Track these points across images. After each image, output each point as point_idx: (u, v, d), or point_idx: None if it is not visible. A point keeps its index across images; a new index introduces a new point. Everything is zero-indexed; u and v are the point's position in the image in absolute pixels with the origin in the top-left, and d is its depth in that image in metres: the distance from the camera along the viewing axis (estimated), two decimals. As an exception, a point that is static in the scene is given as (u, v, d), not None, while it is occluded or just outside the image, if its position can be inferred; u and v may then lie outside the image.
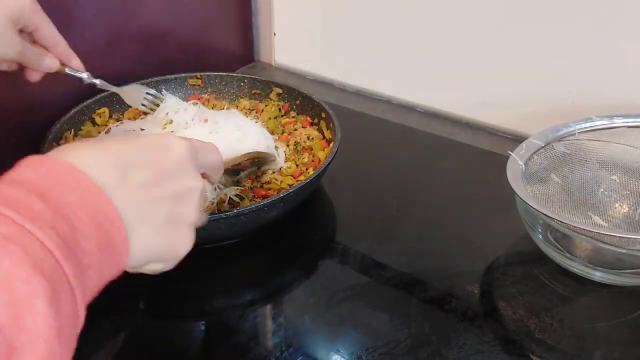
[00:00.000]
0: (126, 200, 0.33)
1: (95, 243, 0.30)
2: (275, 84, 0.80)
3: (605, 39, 0.70)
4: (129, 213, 0.33)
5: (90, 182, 0.31)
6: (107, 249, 0.31)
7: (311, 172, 0.66)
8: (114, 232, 0.32)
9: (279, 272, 0.59)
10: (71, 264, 0.28)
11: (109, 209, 0.31)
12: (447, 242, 0.63)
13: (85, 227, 0.30)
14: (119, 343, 0.51)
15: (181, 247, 0.38)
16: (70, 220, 0.29)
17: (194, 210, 0.39)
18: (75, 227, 0.29)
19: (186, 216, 0.38)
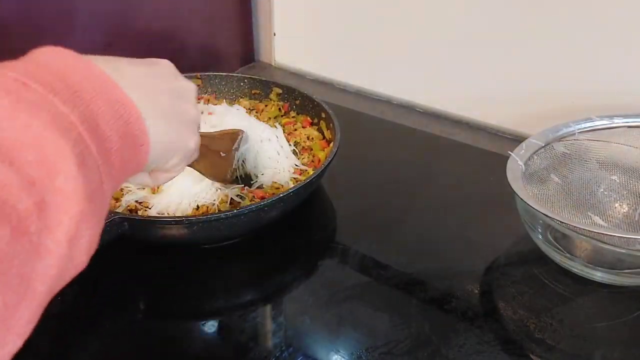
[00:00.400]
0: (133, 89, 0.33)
1: (115, 129, 0.31)
2: (275, 84, 0.80)
3: (605, 39, 0.70)
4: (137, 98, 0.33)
5: (104, 74, 0.32)
6: (127, 137, 0.32)
7: (311, 172, 0.65)
8: (132, 120, 0.32)
9: (279, 272, 0.59)
10: (94, 141, 0.29)
11: (125, 98, 0.32)
12: (447, 242, 0.63)
13: (104, 111, 0.30)
14: (120, 343, 0.51)
15: (190, 140, 0.41)
16: (89, 104, 0.30)
17: (193, 107, 0.41)
18: (94, 111, 0.30)
19: (188, 111, 0.40)
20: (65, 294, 0.54)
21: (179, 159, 0.40)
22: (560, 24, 0.72)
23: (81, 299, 0.56)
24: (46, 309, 0.28)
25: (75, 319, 0.54)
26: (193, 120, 0.41)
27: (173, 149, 0.39)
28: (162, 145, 0.37)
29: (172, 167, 0.41)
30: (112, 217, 0.50)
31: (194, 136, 0.42)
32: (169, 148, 0.38)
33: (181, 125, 0.39)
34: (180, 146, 0.40)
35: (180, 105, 0.40)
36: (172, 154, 0.39)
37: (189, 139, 0.41)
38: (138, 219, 0.55)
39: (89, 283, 0.58)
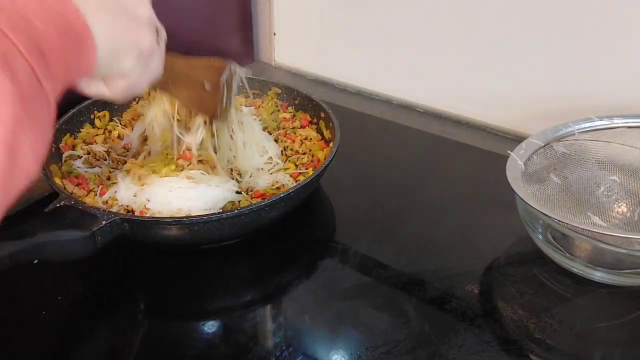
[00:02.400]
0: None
1: (51, 25, 0.29)
2: (274, 84, 0.80)
3: (605, 39, 0.70)
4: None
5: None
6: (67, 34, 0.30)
7: (310, 172, 0.66)
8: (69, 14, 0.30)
9: (279, 272, 0.59)
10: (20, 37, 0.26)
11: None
12: (447, 242, 0.63)
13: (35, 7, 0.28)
14: (120, 343, 0.51)
15: (143, 39, 0.38)
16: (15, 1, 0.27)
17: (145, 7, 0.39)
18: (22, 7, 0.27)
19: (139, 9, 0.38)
20: (67, 293, 0.55)
21: (133, 60, 0.37)
22: (560, 24, 0.72)
23: (82, 298, 0.57)
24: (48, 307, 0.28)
25: (76, 318, 0.54)
26: (145, 19, 0.38)
27: (124, 47, 0.36)
28: (110, 42, 0.34)
29: (128, 71, 0.37)
30: (113, 218, 0.50)
31: (147, 34, 0.38)
32: (118, 45, 0.35)
33: (130, 22, 0.37)
34: (131, 44, 0.37)
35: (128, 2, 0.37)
36: (123, 52, 0.36)
37: (141, 37, 0.38)
38: (138, 220, 0.55)
39: (89, 283, 0.58)
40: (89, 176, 0.63)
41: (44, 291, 0.55)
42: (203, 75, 0.55)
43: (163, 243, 0.58)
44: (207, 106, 0.56)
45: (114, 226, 0.51)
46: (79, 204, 0.52)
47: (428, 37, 0.85)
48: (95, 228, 0.49)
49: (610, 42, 0.70)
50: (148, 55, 0.39)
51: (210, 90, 0.55)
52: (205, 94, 0.55)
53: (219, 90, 0.56)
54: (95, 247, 0.49)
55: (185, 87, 0.53)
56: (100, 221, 0.50)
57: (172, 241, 0.58)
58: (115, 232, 0.51)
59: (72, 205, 0.51)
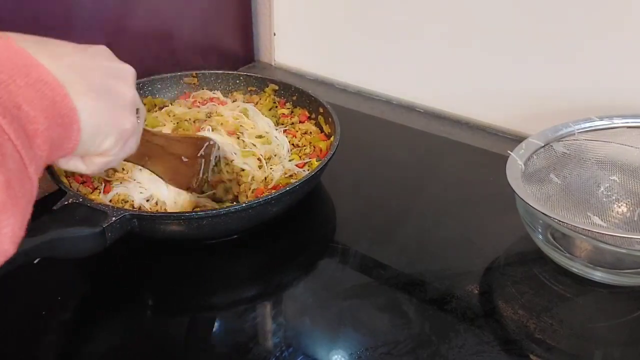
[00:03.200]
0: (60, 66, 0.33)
1: (40, 109, 0.30)
2: (271, 80, 0.80)
3: (605, 39, 0.70)
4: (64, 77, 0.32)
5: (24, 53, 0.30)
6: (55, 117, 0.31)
7: (314, 162, 0.66)
8: (57, 98, 0.32)
9: (279, 271, 0.59)
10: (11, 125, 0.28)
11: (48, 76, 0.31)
12: (447, 242, 0.63)
13: (26, 92, 0.29)
14: (121, 341, 0.51)
15: (125, 120, 0.39)
16: (8, 84, 0.29)
17: (128, 88, 0.40)
18: (14, 92, 0.29)
19: (123, 90, 0.39)
20: (67, 292, 0.55)
21: (113, 141, 0.39)
22: (560, 24, 0.72)
23: (83, 297, 0.57)
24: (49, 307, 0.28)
25: (76, 318, 0.54)
26: (128, 101, 0.40)
27: (106, 129, 0.37)
28: (93, 125, 0.35)
29: (107, 149, 0.39)
30: (122, 214, 0.51)
31: (129, 117, 0.40)
32: (101, 128, 0.37)
33: (115, 105, 0.38)
34: (113, 126, 0.38)
35: (113, 84, 0.38)
36: (104, 134, 0.37)
37: (124, 119, 0.39)
38: (147, 215, 0.55)
39: (90, 282, 0.58)
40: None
41: (44, 291, 0.55)
42: (180, 149, 0.57)
43: (170, 239, 0.59)
44: (183, 179, 0.57)
45: (123, 222, 0.51)
46: (88, 201, 0.52)
47: (428, 37, 0.85)
48: (105, 224, 0.49)
49: (610, 42, 0.70)
50: (128, 136, 0.41)
51: (188, 163, 0.57)
52: (182, 166, 0.57)
53: (197, 163, 0.58)
54: (105, 243, 0.50)
55: (161, 161, 0.54)
56: (109, 217, 0.50)
57: (179, 236, 0.58)
58: (124, 228, 0.51)
59: (81, 202, 0.52)
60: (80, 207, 0.51)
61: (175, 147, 0.57)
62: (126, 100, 0.39)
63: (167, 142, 0.56)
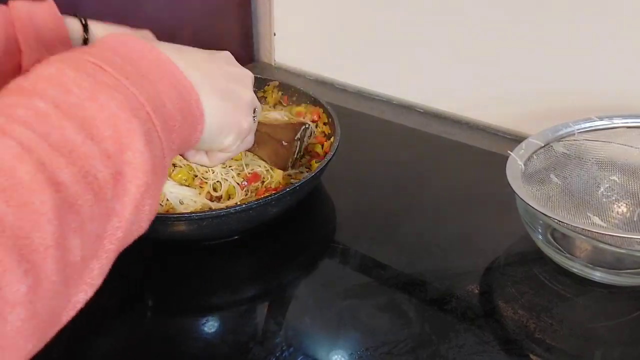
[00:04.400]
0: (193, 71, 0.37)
1: (178, 108, 0.34)
2: (271, 80, 0.80)
3: (605, 39, 0.70)
4: (196, 81, 0.37)
5: (168, 59, 0.35)
6: (188, 117, 0.36)
7: (314, 163, 0.66)
8: (192, 101, 0.36)
9: (280, 272, 0.59)
10: (159, 119, 0.32)
11: (186, 81, 0.36)
12: (447, 242, 0.63)
13: (169, 92, 0.34)
14: (120, 342, 0.51)
15: (244, 121, 0.43)
16: (156, 85, 0.33)
17: (248, 91, 0.44)
18: (160, 91, 0.33)
19: (242, 94, 0.43)
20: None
21: (233, 139, 0.43)
22: (560, 24, 0.72)
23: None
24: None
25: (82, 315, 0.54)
26: (247, 103, 0.44)
27: (227, 128, 0.42)
28: (216, 124, 0.40)
29: (227, 146, 0.43)
30: None
31: (247, 117, 0.44)
32: (223, 127, 0.41)
33: (235, 106, 0.42)
34: (233, 126, 0.42)
35: (235, 88, 0.42)
36: (226, 132, 0.42)
37: (242, 119, 0.43)
38: None
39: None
40: None
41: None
42: (282, 134, 0.62)
43: (171, 239, 0.59)
44: (282, 160, 0.62)
45: None
46: None
47: (428, 37, 0.85)
48: None
49: (610, 42, 0.70)
50: (246, 134, 0.45)
51: (287, 146, 0.62)
52: (281, 149, 0.62)
53: (293, 146, 0.63)
54: None
55: (266, 146, 0.59)
56: None
57: (180, 237, 0.58)
58: None
59: None
60: None
61: (278, 133, 0.61)
62: (245, 102, 0.43)
63: (272, 129, 0.61)
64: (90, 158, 0.27)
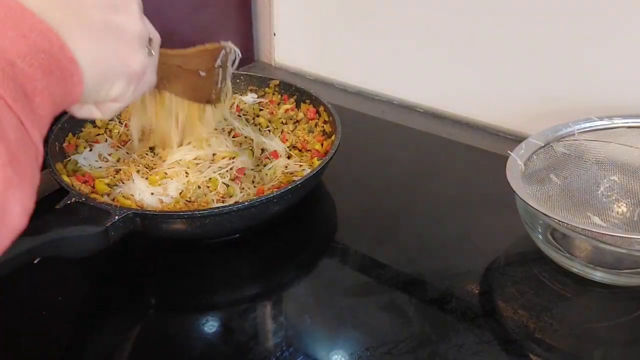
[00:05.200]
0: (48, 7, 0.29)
1: (36, 64, 0.27)
2: (272, 79, 0.80)
3: (605, 39, 0.70)
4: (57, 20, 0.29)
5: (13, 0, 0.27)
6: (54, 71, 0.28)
7: (315, 161, 0.66)
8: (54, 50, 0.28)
9: (280, 271, 0.59)
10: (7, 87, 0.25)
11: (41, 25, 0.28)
12: (447, 242, 0.63)
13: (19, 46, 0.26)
14: (120, 342, 0.51)
15: (133, 60, 0.35)
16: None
17: (135, 19, 0.36)
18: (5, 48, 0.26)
19: (128, 25, 0.35)
20: (67, 292, 0.55)
21: (123, 85, 0.35)
22: (561, 24, 0.72)
23: (84, 297, 0.57)
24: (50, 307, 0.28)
25: (83, 314, 0.54)
26: (135, 36, 0.35)
27: (112, 74, 0.34)
28: (97, 71, 0.32)
29: (119, 94, 0.36)
30: (125, 213, 0.51)
31: (137, 55, 0.36)
32: (106, 73, 0.33)
33: (119, 44, 0.34)
34: (120, 69, 0.34)
35: (115, 19, 0.34)
36: (112, 79, 0.34)
37: (130, 59, 0.35)
38: (150, 214, 0.54)
39: (90, 281, 0.59)
40: (94, 173, 0.64)
41: (45, 290, 0.55)
42: (197, 64, 0.54)
43: (173, 237, 0.59)
44: (202, 93, 0.54)
45: (126, 221, 0.51)
46: (90, 201, 0.52)
47: (428, 37, 0.85)
48: (108, 223, 0.49)
49: (610, 42, 0.70)
50: (139, 77, 0.37)
51: (206, 76, 0.54)
52: (200, 81, 0.54)
53: (214, 74, 0.55)
54: (108, 242, 0.50)
55: (179, 80, 0.51)
56: (112, 217, 0.50)
57: (181, 235, 0.58)
58: (127, 227, 0.51)
59: (84, 201, 0.52)
60: (83, 206, 0.51)
61: (192, 63, 0.53)
62: (132, 36, 0.35)
63: (184, 59, 0.52)
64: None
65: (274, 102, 0.79)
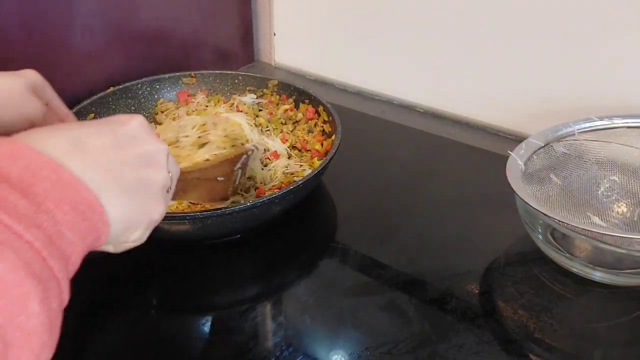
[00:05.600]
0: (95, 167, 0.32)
1: (79, 233, 0.30)
2: (270, 80, 0.80)
3: (605, 39, 0.70)
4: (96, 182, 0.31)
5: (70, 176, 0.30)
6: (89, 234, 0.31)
7: (316, 161, 0.66)
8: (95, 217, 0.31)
9: (280, 271, 0.59)
10: (57, 259, 0.27)
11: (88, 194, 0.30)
12: (447, 242, 0.63)
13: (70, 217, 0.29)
14: (120, 342, 0.51)
15: (155, 211, 0.38)
16: (54, 213, 0.28)
17: (161, 171, 0.38)
18: (59, 219, 0.28)
19: (156, 179, 0.37)
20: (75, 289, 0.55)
21: (142, 232, 0.38)
22: (561, 24, 0.72)
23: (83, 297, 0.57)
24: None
25: (84, 314, 0.54)
26: (160, 188, 0.38)
27: (135, 224, 0.36)
28: (123, 224, 0.34)
29: (135, 239, 0.38)
30: None
31: (159, 207, 0.38)
32: (130, 224, 0.36)
33: (146, 199, 0.37)
34: (143, 220, 0.37)
35: (146, 174, 0.37)
36: (134, 228, 0.37)
37: (153, 211, 0.38)
38: None
39: (90, 281, 0.59)
40: None
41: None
42: (216, 172, 0.56)
43: (174, 238, 0.59)
44: (218, 194, 0.57)
45: None
46: None
47: (428, 37, 0.85)
48: None
49: (610, 42, 0.70)
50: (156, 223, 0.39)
51: (224, 180, 0.57)
52: (218, 185, 0.56)
53: (233, 176, 0.58)
54: None
55: (196, 189, 0.53)
56: None
57: (183, 236, 0.58)
58: None
59: None
60: None
61: (210, 173, 0.55)
62: (158, 187, 0.38)
63: (202, 172, 0.54)
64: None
65: (273, 102, 0.79)
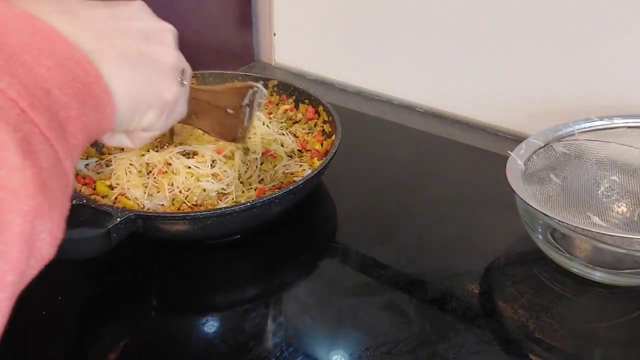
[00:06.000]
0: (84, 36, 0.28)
1: (71, 93, 0.27)
2: (270, 80, 0.80)
3: (605, 39, 0.70)
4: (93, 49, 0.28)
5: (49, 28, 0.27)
6: (87, 100, 0.28)
7: (316, 161, 0.66)
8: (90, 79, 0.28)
9: (280, 271, 0.59)
10: (43, 116, 0.25)
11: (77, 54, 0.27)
12: (447, 242, 0.63)
13: (55, 74, 0.26)
14: (120, 342, 0.51)
15: (166, 89, 0.35)
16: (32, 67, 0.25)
17: (169, 50, 0.36)
18: (41, 75, 0.25)
19: (162, 55, 0.35)
20: (67, 292, 0.55)
21: (155, 115, 0.35)
22: (561, 24, 0.72)
23: (83, 297, 0.57)
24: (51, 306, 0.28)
25: (84, 314, 0.54)
26: (169, 67, 0.35)
27: (145, 103, 0.34)
28: (130, 100, 0.32)
29: (149, 124, 0.35)
30: (127, 215, 0.51)
31: (170, 85, 0.36)
32: (139, 102, 0.33)
33: (153, 75, 0.34)
34: (153, 98, 0.34)
35: (150, 49, 0.34)
36: (144, 108, 0.34)
37: (164, 88, 0.35)
38: (152, 216, 0.54)
39: (90, 281, 0.59)
40: (95, 177, 0.64)
41: (45, 291, 0.55)
42: (225, 101, 0.55)
43: (174, 239, 0.59)
44: (229, 130, 0.56)
45: (128, 223, 0.51)
46: (92, 203, 0.52)
47: (428, 37, 0.85)
48: (110, 225, 0.49)
49: (610, 42, 0.70)
50: (171, 107, 0.37)
51: (233, 114, 0.56)
52: (227, 118, 0.55)
53: (241, 113, 0.57)
54: (110, 245, 0.50)
55: (207, 116, 0.52)
56: (114, 218, 0.50)
57: (183, 236, 0.58)
58: (129, 229, 0.51)
59: (85, 203, 0.52)
60: (84, 208, 0.51)
61: (220, 100, 0.55)
62: (167, 65, 0.35)
63: (212, 96, 0.54)
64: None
65: (273, 102, 0.79)
